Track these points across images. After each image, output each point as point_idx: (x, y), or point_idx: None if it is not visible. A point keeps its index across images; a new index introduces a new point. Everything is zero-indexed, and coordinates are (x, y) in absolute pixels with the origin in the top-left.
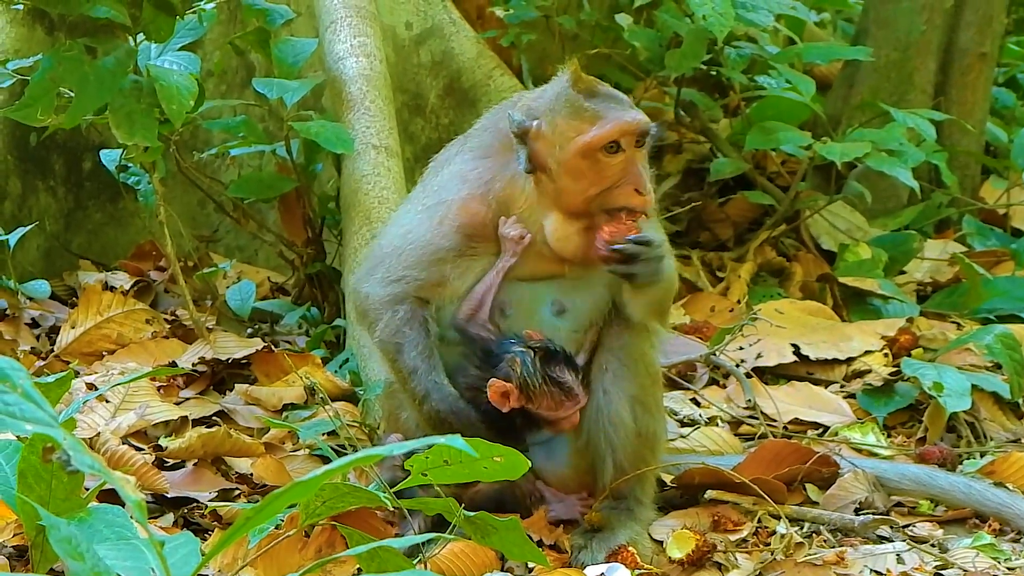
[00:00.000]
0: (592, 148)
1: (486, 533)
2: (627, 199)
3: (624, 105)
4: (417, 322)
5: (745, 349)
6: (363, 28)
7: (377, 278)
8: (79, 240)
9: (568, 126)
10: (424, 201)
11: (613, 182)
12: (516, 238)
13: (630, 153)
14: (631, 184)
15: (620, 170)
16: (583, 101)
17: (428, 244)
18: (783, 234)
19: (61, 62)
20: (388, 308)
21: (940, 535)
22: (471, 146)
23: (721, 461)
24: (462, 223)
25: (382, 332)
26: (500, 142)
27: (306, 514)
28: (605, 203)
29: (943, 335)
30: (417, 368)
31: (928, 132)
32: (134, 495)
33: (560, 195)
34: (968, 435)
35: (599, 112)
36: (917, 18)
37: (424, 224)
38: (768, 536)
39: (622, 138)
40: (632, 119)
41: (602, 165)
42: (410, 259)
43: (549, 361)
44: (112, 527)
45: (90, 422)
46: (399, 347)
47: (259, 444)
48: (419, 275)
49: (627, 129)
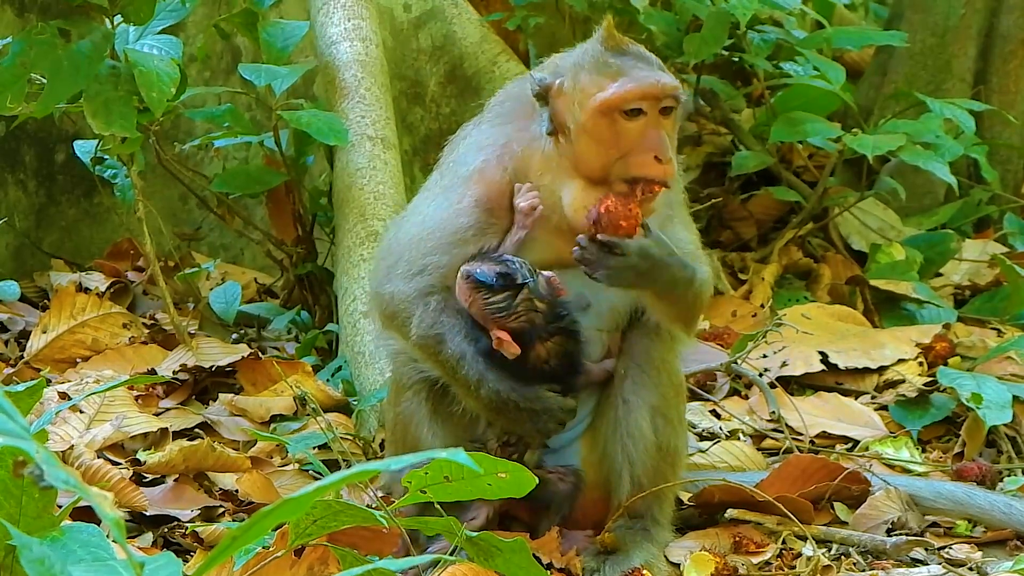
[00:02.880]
0: (610, 107)
1: (490, 555)
2: (645, 168)
3: (652, 66)
4: (452, 309)
5: (769, 357)
6: (358, 10)
7: (399, 274)
8: (51, 238)
9: (590, 82)
10: (440, 183)
11: (631, 148)
12: (527, 209)
13: (653, 118)
14: (651, 151)
15: (640, 135)
16: (609, 57)
17: (447, 225)
18: (810, 233)
19: (33, 46)
20: (419, 302)
21: (979, 558)
22: (489, 117)
23: (743, 478)
24: (479, 196)
25: (418, 328)
26: (521, 107)
27: (296, 534)
28: (623, 171)
29: (982, 342)
30: (465, 352)
31: (967, 124)
32: (111, 512)
33: (578, 160)
34: (1009, 450)
35: (623, 69)
36: (956, 1)
37: (442, 206)
38: (793, 559)
39: (644, 101)
40: (656, 80)
41: (620, 127)
42: (429, 245)
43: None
44: (87, 547)
45: (63, 434)
46: (440, 338)
47: (245, 458)
48: (441, 261)
49: (649, 91)
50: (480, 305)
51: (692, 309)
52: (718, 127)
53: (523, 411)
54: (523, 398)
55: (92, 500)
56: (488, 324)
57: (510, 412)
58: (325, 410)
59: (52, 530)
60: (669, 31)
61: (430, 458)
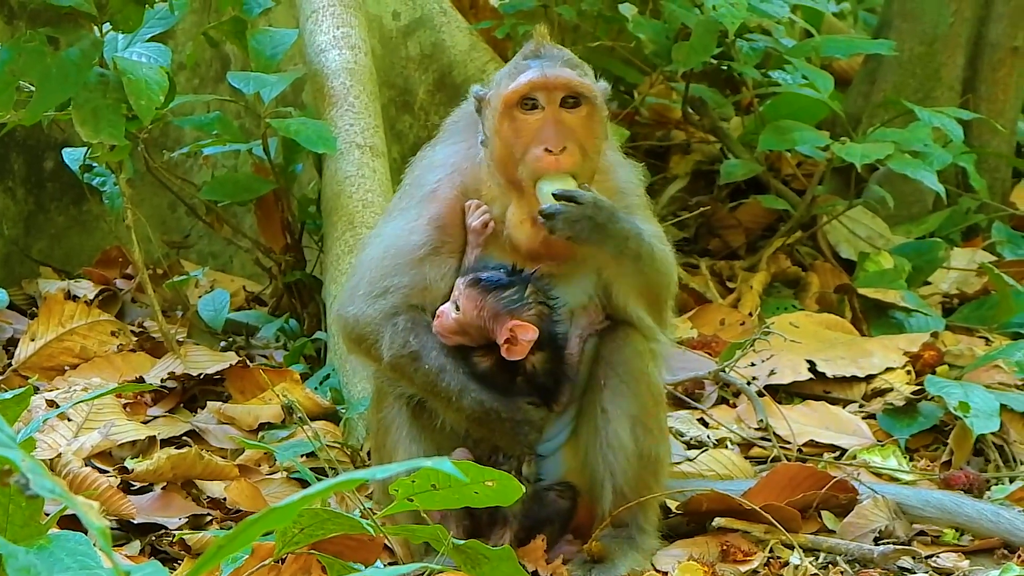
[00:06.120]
0: (507, 103)
1: (476, 563)
2: (536, 162)
3: (553, 62)
4: (422, 327)
5: (757, 365)
6: (347, 18)
7: (361, 296)
8: (40, 245)
9: (501, 86)
10: (399, 205)
11: (529, 143)
12: (479, 227)
13: (551, 112)
14: (542, 143)
15: (536, 130)
16: (522, 60)
17: (403, 245)
18: (799, 242)
19: (21, 53)
20: (386, 323)
21: (966, 567)
22: (443, 136)
23: (730, 486)
24: (432, 215)
25: (389, 349)
26: (471, 124)
27: (283, 542)
28: (525, 170)
29: (970, 351)
30: (444, 365)
31: (955, 132)
32: (97, 521)
33: (496, 164)
34: (997, 459)
35: (522, 68)
36: (945, 10)
37: (399, 227)
38: (781, 567)
39: (537, 93)
40: (542, 74)
41: (520, 123)
42: (388, 267)
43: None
44: (74, 556)
45: (51, 442)
46: (415, 355)
47: (233, 466)
48: (402, 282)
49: (537, 83)
50: (492, 305)
51: (657, 288)
52: (707, 135)
53: (505, 421)
54: (505, 408)
55: (77, 508)
56: (500, 322)
57: (492, 422)
58: (313, 418)
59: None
60: (658, 39)
61: (417, 467)
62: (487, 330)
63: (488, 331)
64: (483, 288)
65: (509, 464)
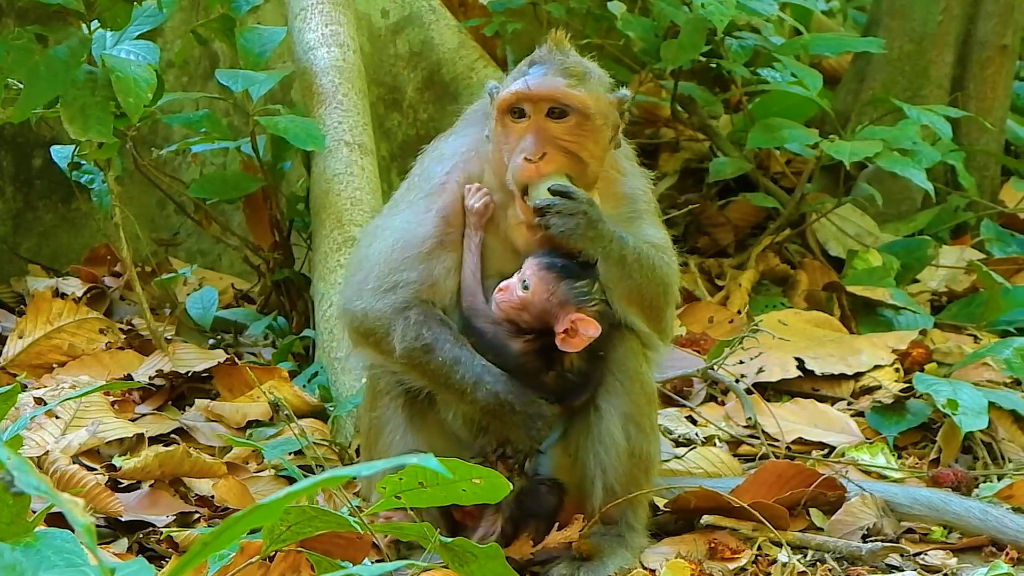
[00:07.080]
0: (500, 109)
1: (464, 560)
2: (516, 169)
3: (549, 71)
4: (435, 319)
5: (746, 363)
6: (336, 16)
7: (369, 290)
8: (28, 243)
9: (501, 90)
10: (407, 198)
11: (514, 149)
12: (480, 209)
13: (536, 121)
14: (522, 152)
15: (520, 137)
16: (524, 65)
17: (412, 239)
18: (787, 239)
19: (9, 51)
20: (397, 318)
21: (954, 564)
22: (457, 127)
23: (719, 484)
24: (439, 205)
25: (401, 342)
26: (484, 115)
27: (270, 539)
28: (511, 174)
29: (959, 349)
30: (459, 357)
31: (944, 130)
32: (83, 518)
33: (493, 164)
34: (985, 456)
35: (517, 76)
36: (933, 8)
37: (408, 220)
38: (769, 565)
39: (522, 103)
40: (527, 86)
41: (509, 129)
42: (398, 261)
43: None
44: (61, 553)
45: (38, 440)
46: (429, 347)
47: (221, 464)
48: (411, 276)
49: (522, 95)
50: (564, 293)
51: (650, 295)
52: (696, 133)
53: (519, 414)
54: (520, 401)
55: (63, 506)
56: (565, 311)
57: (505, 415)
58: (301, 416)
59: (25, 536)
60: (647, 37)
61: (403, 464)
62: (549, 315)
63: (550, 316)
64: (559, 274)
65: (516, 458)
